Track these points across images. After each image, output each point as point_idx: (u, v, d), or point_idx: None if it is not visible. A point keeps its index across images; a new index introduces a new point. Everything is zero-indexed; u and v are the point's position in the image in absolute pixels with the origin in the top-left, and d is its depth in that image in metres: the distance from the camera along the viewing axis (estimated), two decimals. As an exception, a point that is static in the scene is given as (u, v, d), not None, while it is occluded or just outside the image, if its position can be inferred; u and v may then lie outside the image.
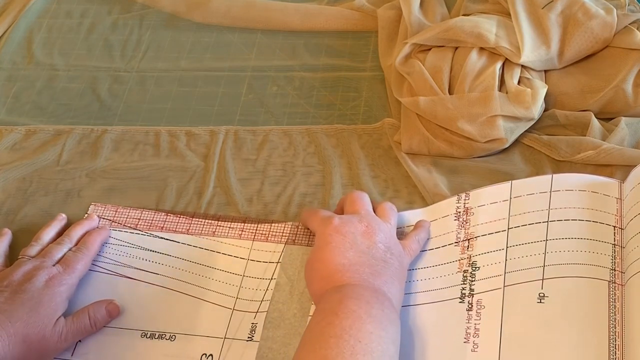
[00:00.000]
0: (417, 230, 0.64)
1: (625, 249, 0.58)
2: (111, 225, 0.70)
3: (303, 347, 0.52)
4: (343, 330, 0.51)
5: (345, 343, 0.50)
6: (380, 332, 0.51)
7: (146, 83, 0.85)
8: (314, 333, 0.52)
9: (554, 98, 0.73)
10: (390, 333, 0.53)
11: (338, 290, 0.55)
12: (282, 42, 0.87)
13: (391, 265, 0.58)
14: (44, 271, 0.62)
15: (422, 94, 0.73)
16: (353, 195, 0.65)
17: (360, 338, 0.50)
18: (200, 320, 0.63)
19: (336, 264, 0.57)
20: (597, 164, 0.67)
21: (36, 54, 0.90)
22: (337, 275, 0.57)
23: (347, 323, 0.51)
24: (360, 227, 0.60)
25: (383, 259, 0.58)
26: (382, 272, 0.57)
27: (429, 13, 0.83)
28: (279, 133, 0.77)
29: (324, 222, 0.61)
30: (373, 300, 0.54)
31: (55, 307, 0.60)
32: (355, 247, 0.58)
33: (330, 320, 0.52)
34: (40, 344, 0.58)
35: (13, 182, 0.75)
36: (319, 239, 0.60)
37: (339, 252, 0.58)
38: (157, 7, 0.93)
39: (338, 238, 0.59)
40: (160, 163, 0.76)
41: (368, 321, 0.52)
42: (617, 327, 0.54)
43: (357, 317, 0.52)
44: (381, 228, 0.61)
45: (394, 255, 0.59)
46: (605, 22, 0.73)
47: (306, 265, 0.60)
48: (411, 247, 0.62)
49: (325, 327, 0.52)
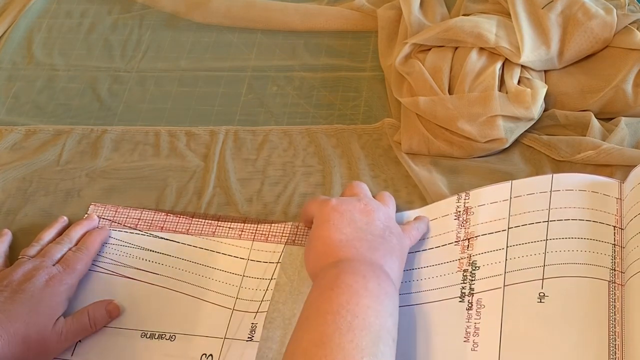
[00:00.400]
0: (416, 221, 0.65)
1: (625, 249, 0.58)
2: (111, 226, 0.70)
3: (301, 325, 0.52)
4: (340, 306, 0.50)
5: (342, 319, 0.50)
6: (377, 306, 0.51)
7: (146, 83, 0.85)
8: (311, 310, 0.52)
9: (554, 98, 0.73)
10: (388, 306, 0.53)
11: (335, 265, 0.55)
12: (282, 42, 0.87)
13: (389, 242, 0.58)
14: (44, 271, 0.62)
15: (422, 94, 0.73)
16: (352, 184, 0.65)
17: (357, 313, 0.50)
18: (200, 321, 0.63)
19: (333, 239, 0.58)
20: (597, 164, 0.67)
21: (36, 54, 0.90)
22: (334, 250, 0.57)
23: (344, 298, 0.51)
24: (359, 205, 0.60)
25: (381, 236, 0.58)
26: (380, 247, 0.57)
27: (429, 13, 0.83)
28: (279, 133, 0.77)
29: (322, 203, 0.62)
30: (370, 274, 0.54)
31: (55, 307, 0.60)
32: (353, 224, 0.59)
33: (327, 296, 0.52)
34: (39, 343, 0.58)
35: (13, 182, 0.75)
36: (317, 218, 0.60)
37: (337, 229, 0.58)
38: (157, 7, 0.93)
39: (336, 216, 0.59)
40: (160, 163, 0.76)
41: (365, 295, 0.52)
42: (617, 327, 0.54)
43: (354, 291, 0.52)
44: (380, 208, 0.61)
45: (393, 234, 0.59)
46: (605, 22, 0.73)
47: (305, 246, 0.61)
48: (411, 232, 0.62)
49: (322, 303, 0.52)
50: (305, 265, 0.61)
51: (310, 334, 0.50)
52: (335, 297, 0.51)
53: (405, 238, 0.61)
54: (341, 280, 0.53)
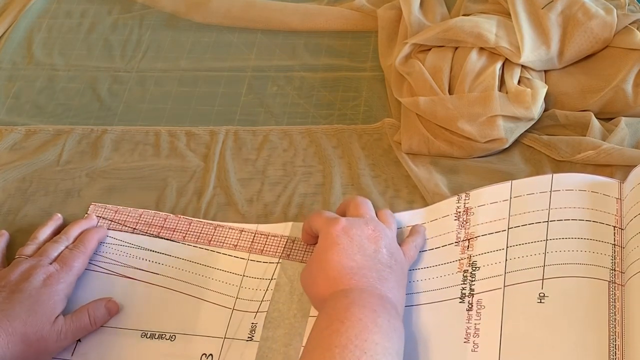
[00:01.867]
0: (413, 236, 0.64)
1: (625, 249, 0.58)
2: (111, 226, 0.70)
3: (307, 355, 0.51)
4: (348, 340, 0.50)
5: (350, 354, 0.49)
6: (385, 344, 0.51)
7: (146, 83, 0.85)
8: (319, 341, 0.52)
9: (554, 98, 0.73)
10: (395, 344, 0.52)
11: (345, 295, 0.54)
12: (282, 42, 0.87)
13: (395, 271, 0.58)
14: (41, 270, 0.62)
15: (422, 94, 0.73)
16: (357, 200, 0.64)
17: (365, 349, 0.50)
18: (200, 320, 0.63)
19: (344, 266, 0.57)
20: (597, 164, 0.67)
21: (36, 54, 0.90)
22: (345, 278, 0.56)
23: (353, 332, 0.50)
24: (367, 230, 0.59)
25: (388, 265, 0.58)
26: (388, 277, 0.57)
27: (429, 13, 0.83)
28: (279, 133, 0.77)
29: (330, 222, 0.60)
30: (380, 308, 0.53)
31: (54, 305, 0.60)
32: (362, 251, 0.58)
33: (336, 328, 0.51)
34: (39, 342, 0.58)
35: (13, 182, 0.75)
36: (324, 239, 0.59)
37: (347, 255, 0.57)
38: (157, 7, 0.93)
39: (345, 240, 0.58)
40: (160, 163, 0.76)
41: (374, 331, 0.51)
42: (617, 327, 0.54)
43: (364, 326, 0.51)
44: (386, 234, 0.60)
45: (397, 261, 0.59)
46: (605, 22, 0.73)
47: (307, 267, 0.60)
48: (409, 254, 0.62)
49: (331, 335, 0.51)
50: (305, 287, 0.60)
51: None
52: (344, 330, 0.51)
53: (406, 264, 0.61)
54: (351, 313, 0.52)
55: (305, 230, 0.65)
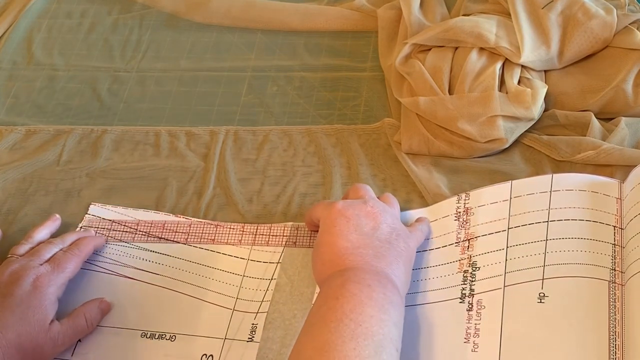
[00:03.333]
0: (419, 223, 0.65)
1: (625, 249, 0.58)
2: (110, 234, 0.69)
3: (304, 332, 0.52)
4: (343, 314, 0.51)
5: (345, 327, 0.50)
6: (381, 316, 0.51)
7: (146, 83, 0.85)
8: (315, 318, 0.52)
9: (554, 98, 0.73)
10: (392, 316, 0.53)
11: (340, 274, 0.55)
12: (282, 42, 0.87)
13: (396, 247, 0.58)
14: (31, 271, 0.61)
15: (422, 94, 0.73)
16: (355, 185, 0.65)
17: (360, 322, 0.50)
18: (201, 321, 0.63)
19: (339, 247, 0.57)
20: (597, 164, 0.67)
21: (36, 54, 0.90)
22: (340, 258, 0.57)
23: (348, 307, 0.51)
24: (365, 208, 0.60)
25: (388, 241, 0.58)
26: (386, 254, 0.57)
27: (429, 13, 0.83)
28: (278, 133, 0.77)
29: (327, 206, 0.61)
30: (375, 283, 0.54)
31: (45, 311, 0.59)
32: (359, 230, 0.58)
33: (331, 305, 0.52)
34: (35, 351, 0.58)
35: (13, 182, 0.75)
36: (323, 223, 0.60)
37: (343, 235, 0.58)
38: (157, 7, 0.93)
39: (342, 221, 0.59)
40: (160, 163, 0.76)
41: (369, 304, 0.52)
42: (617, 327, 0.54)
43: (358, 300, 0.52)
44: (386, 210, 0.61)
45: (400, 236, 0.59)
46: (605, 22, 0.73)
47: (313, 251, 0.61)
48: (416, 233, 0.62)
49: (327, 311, 0.52)
50: (312, 271, 0.60)
51: (314, 342, 0.50)
52: (339, 306, 0.51)
53: (412, 239, 0.61)
54: (346, 289, 0.53)
55: (307, 222, 0.66)
